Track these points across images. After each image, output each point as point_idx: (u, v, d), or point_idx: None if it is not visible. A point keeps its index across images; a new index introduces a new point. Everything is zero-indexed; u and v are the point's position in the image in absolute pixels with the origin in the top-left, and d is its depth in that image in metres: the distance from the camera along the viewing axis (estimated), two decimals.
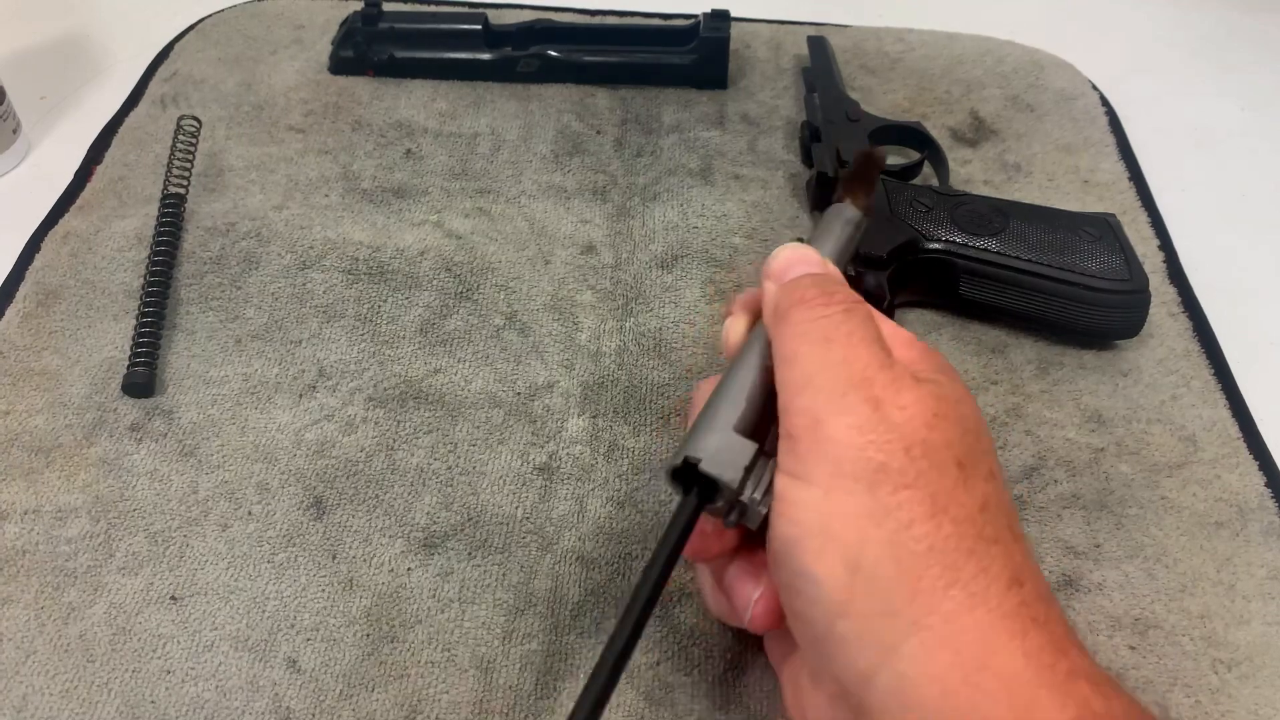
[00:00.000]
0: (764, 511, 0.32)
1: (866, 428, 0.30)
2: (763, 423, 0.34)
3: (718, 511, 0.33)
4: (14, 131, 0.62)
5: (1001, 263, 0.52)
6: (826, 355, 0.32)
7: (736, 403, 0.34)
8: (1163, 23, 0.78)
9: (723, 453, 0.33)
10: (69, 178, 0.61)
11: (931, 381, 0.32)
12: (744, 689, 0.40)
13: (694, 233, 0.58)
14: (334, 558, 0.43)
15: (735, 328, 0.38)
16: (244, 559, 0.43)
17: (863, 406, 0.30)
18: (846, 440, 0.30)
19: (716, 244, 0.58)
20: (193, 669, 0.40)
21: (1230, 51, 0.75)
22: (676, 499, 0.33)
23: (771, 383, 0.33)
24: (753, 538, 0.34)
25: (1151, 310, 0.53)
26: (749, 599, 0.34)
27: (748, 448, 0.33)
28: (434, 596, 0.42)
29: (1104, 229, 0.54)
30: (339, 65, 0.69)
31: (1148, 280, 0.52)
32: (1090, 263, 0.52)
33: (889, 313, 0.51)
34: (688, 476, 0.33)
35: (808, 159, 0.63)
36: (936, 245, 0.52)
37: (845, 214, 0.40)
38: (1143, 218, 0.60)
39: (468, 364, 0.51)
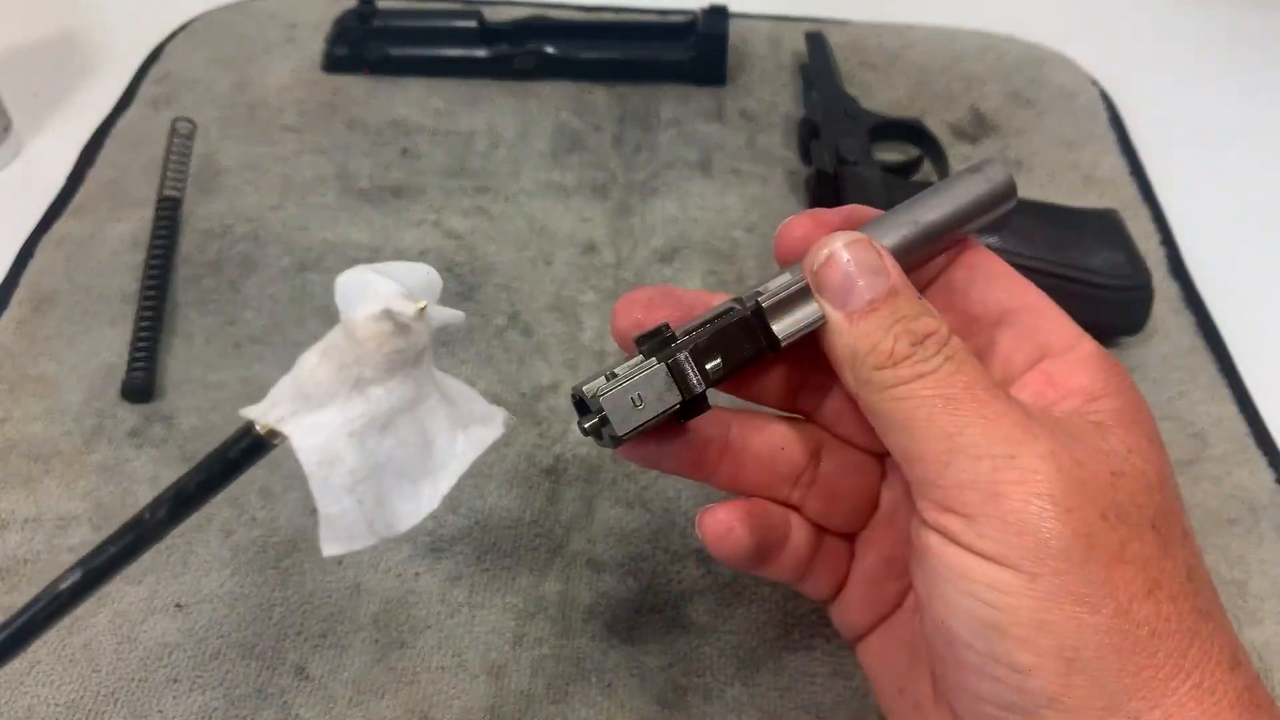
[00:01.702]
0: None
1: (1060, 495, 0.26)
2: None
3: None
4: (5, 129, 0.61)
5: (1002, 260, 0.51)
6: (954, 417, 0.27)
7: None
8: (1163, 18, 0.78)
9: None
10: (62, 177, 0.60)
11: (1082, 428, 0.28)
12: (757, 689, 0.40)
13: (694, 225, 0.58)
14: (340, 563, 0.43)
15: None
16: (248, 565, 0.43)
17: (1043, 465, 0.26)
18: (1042, 512, 0.26)
19: (717, 236, 0.58)
20: (200, 677, 0.39)
21: (1231, 47, 0.75)
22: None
23: None
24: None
25: (1154, 307, 0.53)
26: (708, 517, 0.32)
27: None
28: (443, 601, 0.42)
29: (1106, 225, 0.54)
30: (333, 63, 0.68)
31: (1150, 276, 0.52)
32: (1092, 259, 0.51)
33: None
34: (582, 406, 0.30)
35: (806, 156, 0.62)
36: None
37: (967, 186, 0.31)
38: (1144, 213, 0.60)
39: (471, 365, 0.51)
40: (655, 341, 0.30)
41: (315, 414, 0.26)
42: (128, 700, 0.38)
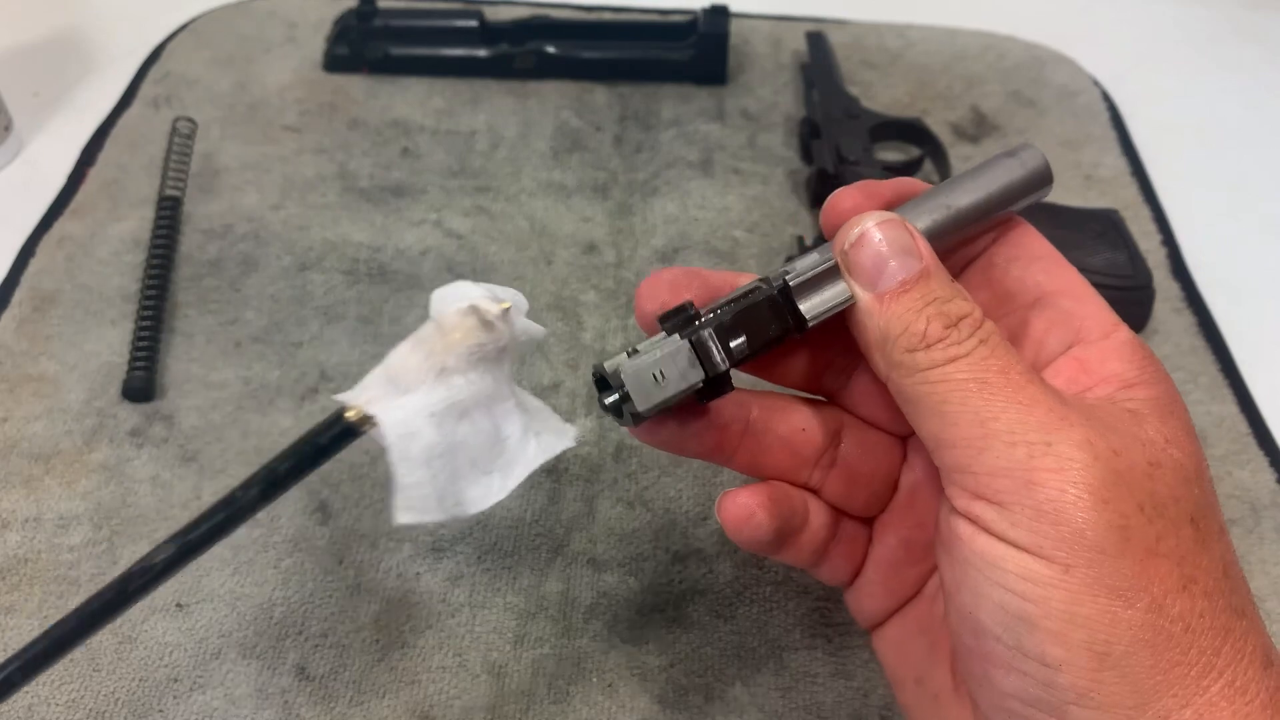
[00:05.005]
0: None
1: (1097, 485, 0.25)
2: None
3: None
4: (6, 129, 0.61)
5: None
6: (988, 401, 0.26)
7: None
8: (1164, 18, 0.78)
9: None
10: (62, 176, 0.60)
11: (1118, 416, 0.27)
12: (759, 689, 0.40)
13: (694, 225, 0.58)
14: (340, 562, 0.43)
15: None
16: (249, 565, 0.43)
17: (1080, 454, 0.25)
18: (1078, 502, 0.25)
19: (718, 236, 0.58)
20: (200, 677, 0.39)
21: (1232, 47, 0.75)
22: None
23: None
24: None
25: (1155, 306, 0.53)
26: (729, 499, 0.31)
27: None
28: (444, 601, 0.42)
29: (1107, 225, 0.54)
30: (334, 63, 0.68)
31: (1151, 276, 0.52)
32: (1093, 259, 0.52)
33: None
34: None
35: (807, 156, 0.62)
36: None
37: (1006, 169, 0.31)
38: (1145, 213, 0.60)
39: None
40: (679, 319, 0.29)
41: (401, 398, 0.28)
42: (128, 700, 0.38)
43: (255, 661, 0.40)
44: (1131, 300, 0.51)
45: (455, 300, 0.28)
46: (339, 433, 0.28)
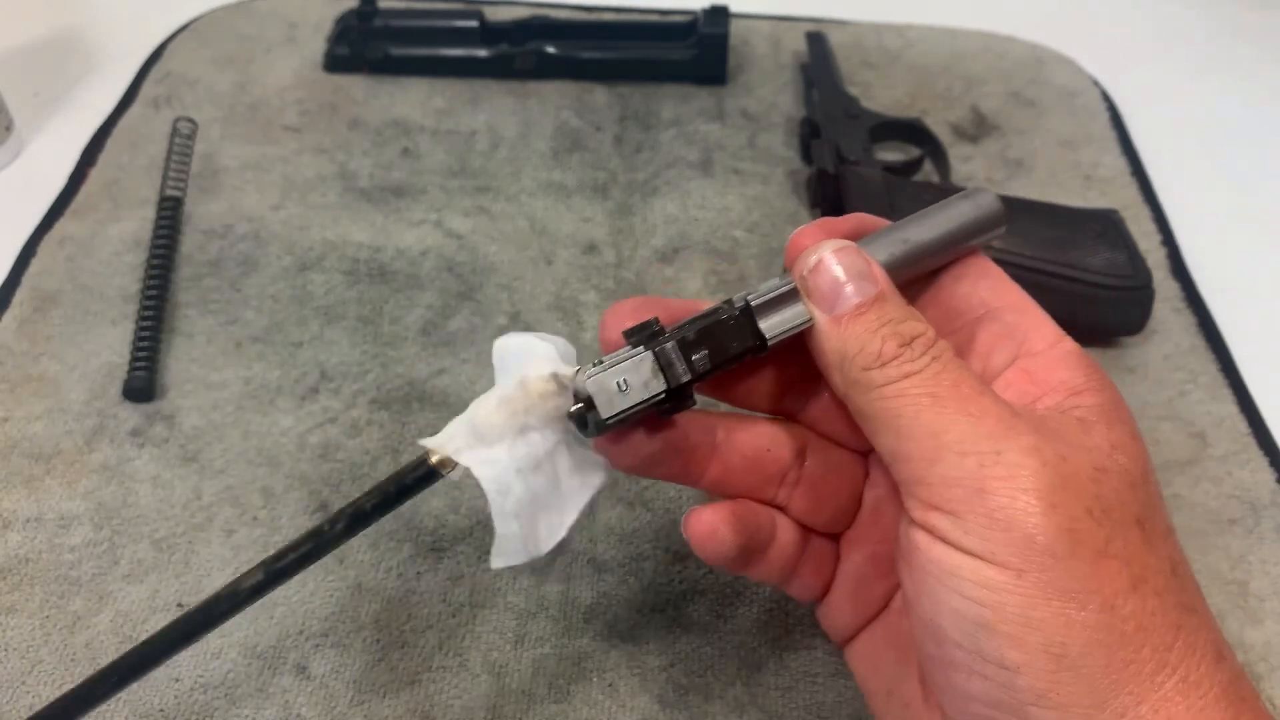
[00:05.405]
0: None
1: (1045, 490, 0.26)
2: None
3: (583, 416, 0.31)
4: (6, 129, 0.61)
5: (1004, 260, 0.51)
6: (939, 415, 0.27)
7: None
8: (1164, 18, 0.78)
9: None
10: (63, 176, 0.60)
11: (1066, 425, 0.28)
12: (759, 689, 0.40)
13: (694, 225, 0.58)
14: (341, 562, 0.43)
15: None
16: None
17: (1028, 460, 0.26)
18: (1027, 508, 0.26)
19: (718, 236, 0.58)
20: (201, 677, 0.39)
21: (1232, 47, 0.75)
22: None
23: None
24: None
25: (1155, 306, 0.53)
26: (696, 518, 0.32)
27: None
28: (444, 600, 0.42)
29: (1107, 225, 0.54)
30: (334, 63, 0.68)
31: (1151, 276, 0.52)
32: (1093, 259, 0.51)
33: None
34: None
35: (807, 156, 0.63)
36: None
37: (962, 209, 0.32)
38: (1145, 213, 0.60)
39: (472, 364, 0.51)
40: (644, 334, 0.30)
41: (487, 450, 0.31)
42: (129, 699, 0.38)
43: (256, 661, 0.40)
44: (1131, 300, 0.51)
45: (519, 351, 0.31)
46: (422, 474, 0.31)
